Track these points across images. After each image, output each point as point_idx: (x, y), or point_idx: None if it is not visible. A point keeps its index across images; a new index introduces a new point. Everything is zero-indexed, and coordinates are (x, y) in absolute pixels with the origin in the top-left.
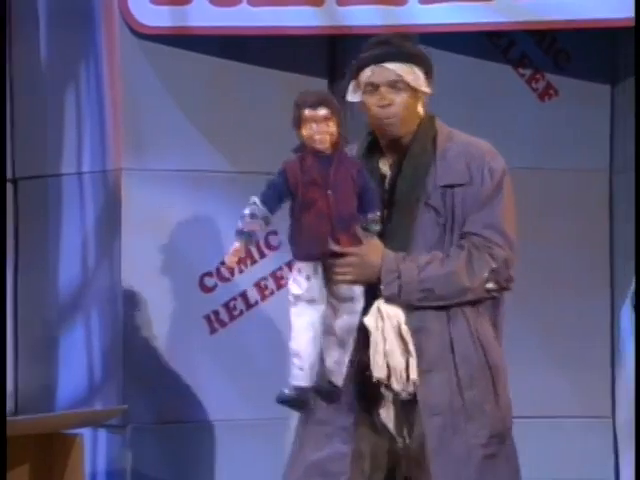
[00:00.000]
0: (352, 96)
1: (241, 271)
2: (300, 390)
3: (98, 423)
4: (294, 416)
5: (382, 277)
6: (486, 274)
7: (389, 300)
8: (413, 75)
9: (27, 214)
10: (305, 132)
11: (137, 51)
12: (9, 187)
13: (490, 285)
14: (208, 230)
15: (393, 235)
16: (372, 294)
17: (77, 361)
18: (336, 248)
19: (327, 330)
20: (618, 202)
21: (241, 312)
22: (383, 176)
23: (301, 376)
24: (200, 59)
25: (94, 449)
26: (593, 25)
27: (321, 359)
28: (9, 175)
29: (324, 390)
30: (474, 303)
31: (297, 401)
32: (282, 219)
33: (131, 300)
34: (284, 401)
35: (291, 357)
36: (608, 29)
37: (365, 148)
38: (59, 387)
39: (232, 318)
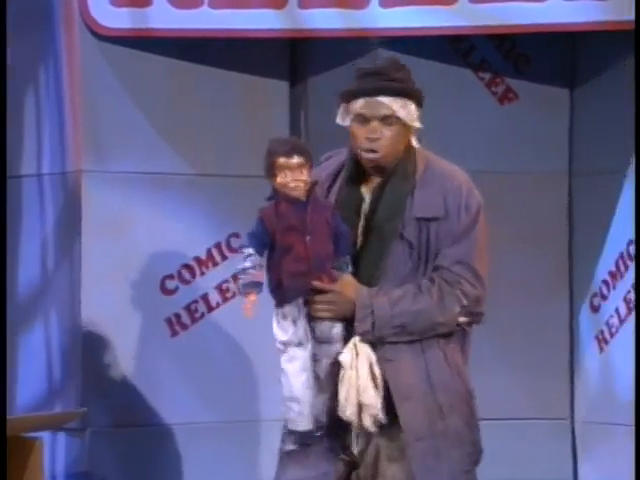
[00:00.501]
0: (341, 120)
1: (202, 273)
2: (307, 435)
3: (57, 426)
4: (255, 420)
5: (356, 313)
6: (457, 309)
7: (363, 336)
8: (406, 110)
9: None
10: (280, 180)
11: (97, 53)
12: None
13: (461, 319)
14: (169, 232)
15: (366, 264)
16: (349, 335)
17: (36, 364)
18: (316, 284)
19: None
20: (577, 206)
21: (202, 315)
22: (362, 201)
23: (301, 422)
24: (161, 61)
25: (53, 453)
26: (552, 29)
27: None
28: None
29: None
30: (443, 336)
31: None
32: (245, 221)
33: (91, 303)
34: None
35: (287, 403)
36: (567, 33)
37: (348, 172)
38: (17, 390)
39: (194, 321)
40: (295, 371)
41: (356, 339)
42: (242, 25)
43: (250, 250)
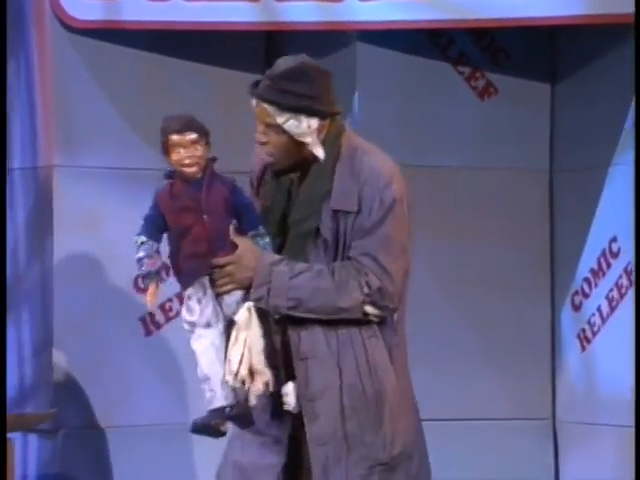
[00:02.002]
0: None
1: None
2: (216, 413)
3: (28, 427)
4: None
5: (254, 279)
6: (360, 297)
7: (258, 303)
8: (295, 122)
9: None
10: (174, 157)
11: (68, 46)
12: None
13: (369, 309)
14: None
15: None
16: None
17: (7, 363)
18: (214, 261)
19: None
20: (558, 202)
21: (177, 313)
22: (288, 197)
23: (214, 398)
24: (133, 54)
25: (24, 454)
26: (531, 23)
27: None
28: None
29: (236, 412)
30: (366, 326)
31: (212, 427)
32: None
33: (63, 301)
34: (198, 430)
35: (201, 385)
36: (547, 27)
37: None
38: None
39: (168, 319)
40: (203, 348)
41: (251, 303)
42: (217, 17)
43: (142, 238)
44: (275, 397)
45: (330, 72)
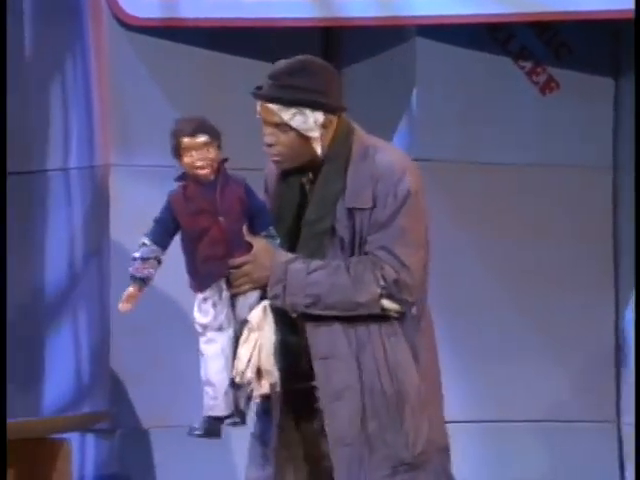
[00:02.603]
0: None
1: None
2: (213, 421)
3: (86, 427)
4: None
5: (270, 277)
6: (377, 290)
7: (274, 301)
8: (301, 118)
9: (11, 212)
10: (186, 160)
11: (125, 44)
12: None
13: (386, 303)
14: None
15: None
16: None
17: (64, 363)
18: (231, 261)
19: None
20: (622, 199)
21: None
22: (302, 197)
23: (215, 406)
24: (191, 52)
25: (82, 454)
26: (595, 17)
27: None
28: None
29: (233, 421)
30: (386, 324)
31: (209, 433)
32: None
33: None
34: (196, 436)
35: (203, 387)
36: (610, 21)
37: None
38: (45, 390)
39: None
40: (213, 354)
41: (267, 302)
42: (274, 14)
43: (146, 240)
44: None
45: (333, 68)
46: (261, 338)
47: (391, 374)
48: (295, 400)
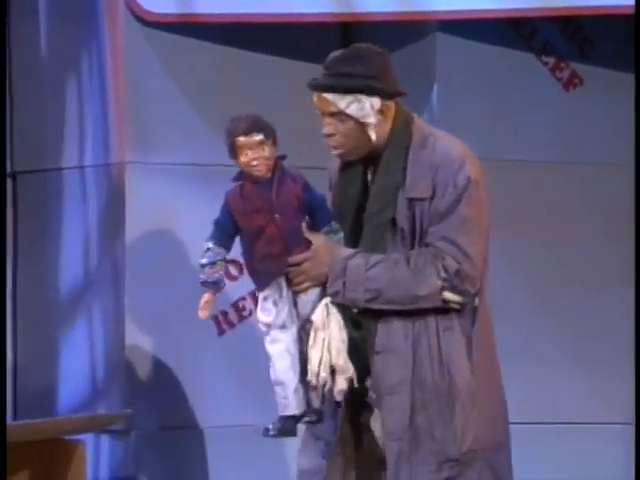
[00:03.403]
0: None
1: None
2: (288, 420)
3: (101, 428)
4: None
5: (329, 273)
6: (439, 282)
7: (335, 297)
8: (357, 105)
9: (26, 210)
10: (242, 159)
11: (142, 39)
12: (7, 182)
13: (447, 295)
14: None
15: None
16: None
17: (79, 363)
18: (289, 259)
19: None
20: None
21: (250, 312)
22: (364, 190)
23: (287, 405)
24: (208, 47)
25: (97, 456)
26: (619, 11)
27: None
28: (7, 169)
29: (309, 419)
30: (444, 318)
31: (283, 432)
32: None
33: (135, 299)
34: (271, 436)
35: (274, 387)
36: (633, 15)
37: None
38: (60, 390)
39: (241, 319)
40: (278, 354)
41: (328, 299)
42: (292, 9)
43: (209, 244)
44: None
45: (386, 53)
46: (328, 336)
47: (443, 368)
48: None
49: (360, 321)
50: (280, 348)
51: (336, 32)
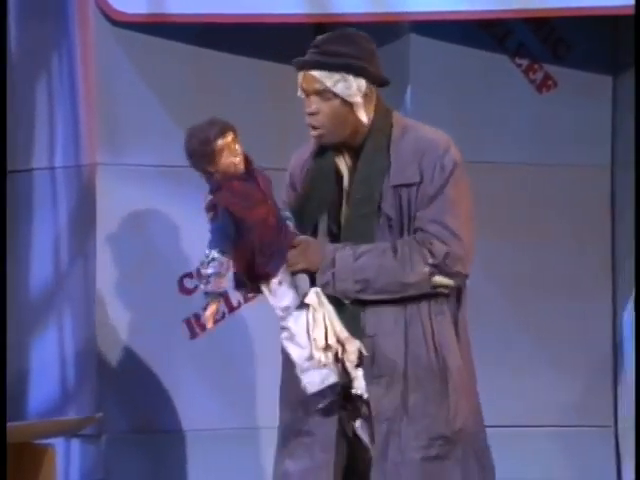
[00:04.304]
0: (299, 92)
1: None
2: (333, 388)
3: (71, 432)
4: (277, 427)
5: (320, 264)
6: (426, 269)
7: (325, 289)
8: (344, 84)
9: None
10: (224, 161)
11: (112, 40)
12: None
13: (438, 279)
14: (188, 229)
15: (348, 242)
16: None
17: (49, 366)
18: (290, 242)
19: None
20: (620, 199)
21: (223, 315)
22: (341, 176)
23: (332, 372)
24: (179, 48)
25: (67, 460)
26: (593, 12)
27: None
28: None
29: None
30: (434, 303)
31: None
32: None
33: (106, 302)
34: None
35: (304, 366)
36: (608, 17)
37: (317, 149)
38: (30, 394)
39: (214, 321)
40: (304, 329)
41: (318, 288)
42: (264, 10)
43: (214, 253)
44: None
45: (373, 41)
46: (327, 314)
47: (437, 351)
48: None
49: (348, 310)
50: (305, 324)
51: (309, 33)
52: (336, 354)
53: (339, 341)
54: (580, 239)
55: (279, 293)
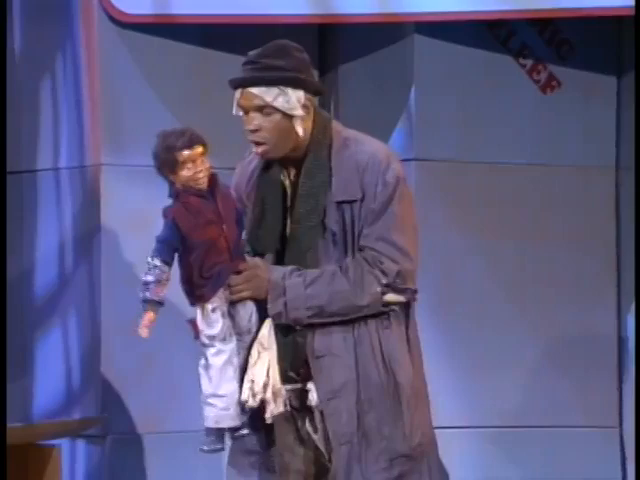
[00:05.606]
0: (235, 111)
1: None
2: (219, 433)
3: (76, 433)
4: None
5: (269, 293)
6: (378, 289)
7: (277, 319)
8: (283, 98)
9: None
10: (185, 173)
11: (117, 41)
12: None
13: (389, 297)
14: None
15: (292, 257)
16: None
17: (54, 367)
18: (238, 265)
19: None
20: (625, 200)
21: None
22: (284, 193)
23: (224, 417)
24: (183, 49)
25: (72, 461)
26: (596, 13)
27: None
28: None
29: (245, 429)
30: (382, 319)
31: (218, 447)
32: None
33: (111, 303)
34: (205, 452)
35: (209, 400)
36: (613, 17)
37: (262, 163)
38: (35, 395)
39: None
40: (222, 365)
41: (270, 323)
42: (269, 10)
43: (156, 261)
44: (257, 412)
45: (304, 50)
46: (271, 357)
47: (386, 366)
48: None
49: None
50: (224, 359)
51: (313, 34)
52: (262, 402)
53: (274, 391)
54: (584, 240)
55: (210, 320)
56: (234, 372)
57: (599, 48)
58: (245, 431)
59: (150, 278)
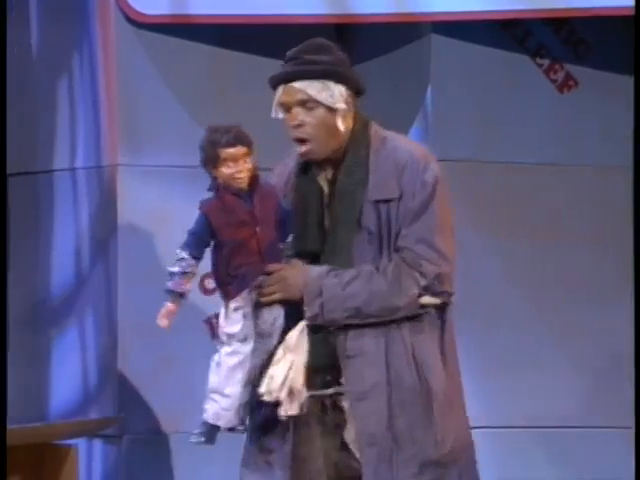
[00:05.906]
0: (274, 112)
1: None
2: (214, 428)
3: (93, 433)
4: None
5: (304, 295)
6: (415, 291)
7: (313, 320)
8: (327, 92)
9: (17, 212)
10: (225, 171)
11: (134, 41)
12: None
13: (426, 300)
14: None
15: (329, 257)
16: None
17: (71, 367)
18: (268, 267)
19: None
20: None
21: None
22: (321, 193)
23: (224, 416)
24: (200, 49)
25: (89, 460)
26: (614, 12)
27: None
28: None
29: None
30: (415, 322)
31: (209, 440)
32: None
33: (128, 303)
34: (197, 443)
35: (212, 395)
36: (630, 17)
37: (299, 164)
38: (51, 395)
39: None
40: (234, 366)
41: (305, 322)
42: (285, 10)
43: (184, 254)
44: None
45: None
46: (296, 361)
47: (419, 372)
48: (314, 407)
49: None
50: (237, 360)
51: (330, 34)
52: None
53: (290, 390)
54: (601, 240)
55: (231, 319)
56: (243, 375)
57: (616, 47)
58: (240, 428)
59: (175, 269)
